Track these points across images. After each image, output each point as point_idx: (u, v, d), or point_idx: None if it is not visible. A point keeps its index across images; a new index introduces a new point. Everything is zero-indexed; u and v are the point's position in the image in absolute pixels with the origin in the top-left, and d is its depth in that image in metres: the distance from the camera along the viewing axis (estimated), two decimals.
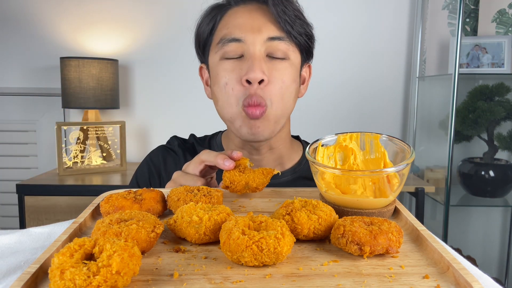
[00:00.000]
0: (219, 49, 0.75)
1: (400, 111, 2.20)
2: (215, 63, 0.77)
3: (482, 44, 1.95)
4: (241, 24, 0.73)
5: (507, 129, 1.93)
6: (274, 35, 0.73)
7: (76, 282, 0.33)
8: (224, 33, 0.74)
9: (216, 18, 0.77)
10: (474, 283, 0.35)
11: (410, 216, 0.52)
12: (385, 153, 0.59)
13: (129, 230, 0.42)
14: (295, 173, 0.87)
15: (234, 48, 0.73)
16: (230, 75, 0.74)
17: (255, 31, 0.72)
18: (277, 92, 0.74)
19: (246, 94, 0.72)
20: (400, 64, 2.16)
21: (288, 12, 0.73)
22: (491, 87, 1.90)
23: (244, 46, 0.73)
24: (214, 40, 0.78)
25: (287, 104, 0.77)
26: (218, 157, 0.62)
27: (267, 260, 0.39)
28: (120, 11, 2.12)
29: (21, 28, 2.12)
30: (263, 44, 0.73)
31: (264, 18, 0.74)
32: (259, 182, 0.60)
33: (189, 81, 2.15)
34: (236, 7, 0.76)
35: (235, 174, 0.60)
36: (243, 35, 0.73)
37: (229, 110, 0.76)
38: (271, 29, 0.73)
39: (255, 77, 0.70)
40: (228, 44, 0.73)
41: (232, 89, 0.73)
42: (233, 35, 0.73)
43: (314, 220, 0.46)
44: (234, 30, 0.73)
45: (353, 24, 2.12)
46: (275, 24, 0.74)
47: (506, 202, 2.01)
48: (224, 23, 0.76)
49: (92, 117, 2.00)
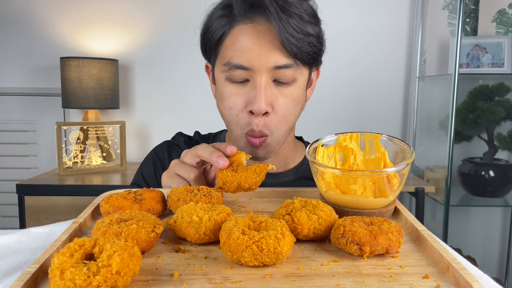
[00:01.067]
0: (225, 71, 0.73)
1: (400, 111, 2.20)
2: (220, 81, 0.76)
3: (482, 44, 1.95)
4: (248, 49, 0.70)
5: (507, 129, 1.93)
6: (281, 64, 0.70)
7: (76, 282, 0.33)
8: (231, 56, 0.72)
9: (225, 29, 0.73)
10: (474, 283, 0.35)
11: (410, 216, 0.52)
12: (385, 153, 0.59)
13: (129, 230, 0.42)
14: (298, 173, 0.88)
15: (240, 74, 0.72)
16: (235, 99, 0.73)
17: (262, 59, 0.70)
18: (280, 120, 0.74)
19: (250, 124, 0.73)
20: (400, 64, 2.16)
21: (296, 34, 0.69)
22: (491, 87, 1.90)
23: (250, 72, 0.71)
24: (220, 55, 0.75)
25: (290, 124, 0.77)
26: (213, 155, 0.62)
27: (267, 260, 0.39)
28: (120, 11, 2.12)
29: (21, 28, 2.12)
30: (269, 72, 0.71)
31: (272, 44, 0.70)
32: (251, 182, 0.59)
33: (189, 81, 2.15)
34: (243, 24, 0.72)
35: (227, 175, 0.59)
36: (249, 63, 0.70)
37: (232, 129, 0.77)
38: (278, 57, 0.70)
39: (259, 109, 0.70)
40: (235, 70, 0.71)
41: (236, 115, 0.74)
42: (240, 62, 0.71)
43: (314, 220, 0.46)
44: (241, 55, 0.70)
45: (353, 24, 2.12)
46: (282, 51, 0.70)
47: (506, 202, 2.01)
48: (231, 41, 0.72)
49: (92, 117, 2.00)
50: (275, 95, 0.72)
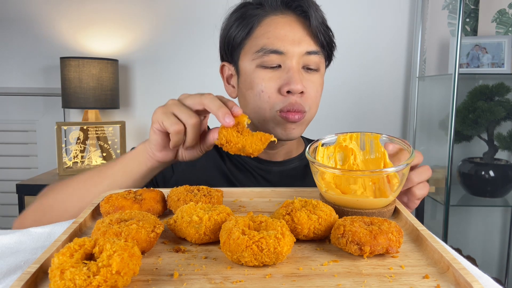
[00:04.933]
0: (257, 57, 0.77)
1: (400, 111, 2.20)
2: (250, 69, 0.79)
3: (482, 44, 1.95)
4: (282, 36, 0.76)
5: (507, 129, 1.93)
6: (311, 50, 0.77)
7: (76, 282, 0.33)
8: (265, 43, 0.77)
9: (253, 24, 0.79)
10: (474, 283, 0.35)
11: (410, 216, 0.52)
12: (385, 153, 0.59)
13: (129, 230, 0.42)
14: (302, 160, 0.92)
15: (273, 59, 0.76)
16: (267, 83, 0.77)
17: (295, 44, 0.76)
18: (313, 99, 0.80)
19: (285, 102, 0.77)
20: (400, 64, 2.16)
21: (323, 26, 0.78)
22: (491, 87, 1.89)
23: (283, 57, 0.76)
24: (249, 46, 0.79)
25: (317, 108, 0.84)
26: (220, 110, 0.60)
27: (267, 260, 0.39)
28: (120, 11, 2.12)
29: (21, 28, 2.12)
30: (301, 57, 0.77)
31: (303, 31, 0.77)
32: (255, 148, 0.58)
33: (189, 81, 2.15)
34: (274, 16, 0.79)
35: (232, 134, 0.58)
36: (284, 48, 0.76)
37: (261, 114, 0.79)
38: (309, 43, 0.78)
39: (297, 89, 0.75)
40: (269, 55, 0.76)
41: (268, 97, 0.77)
42: (275, 46, 0.76)
43: (314, 220, 0.46)
44: (275, 41, 0.76)
45: (353, 24, 2.12)
46: (312, 38, 0.78)
47: (506, 202, 2.01)
48: (263, 31, 0.78)
49: (92, 117, 2.00)
50: (305, 79, 0.78)
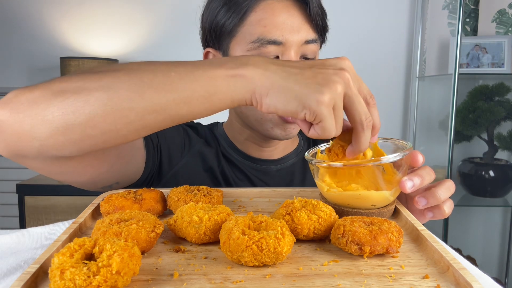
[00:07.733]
0: (253, 48, 0.71)
1: (400, 111, 2.20)
2: None
3: (482, 44, 1.95)
4: (280, 23, 0.70)
5: (507, 129, 1.93)
6: (310, 38, 0.72)
7: (76, 282, 0.33)
8: (262, 32, 0.70)
9: (246, 9, 0.71)
10: (474, 283, 0.35)
11: (410, 216, 0.52)
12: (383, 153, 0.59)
13: (129, 230, 0.42)
14: (298, 155, 0.89)
15: (271, 50, 0.70)
16: None
17: (294, 33, 0.70)
18: None
19: None
20: (400, 64, 2.16)
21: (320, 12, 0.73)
22: (491, 87, 1.89)
23: (281, 48, 0.70)
24: (242, 34, 0.72)
25: None
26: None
27: (267, 260, 0.39)
28: (120, 11, 2.12)
29: (21, 28, 2.12)
30: (299, 47, 0.71)
31: (302, 17, 0.71)
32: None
33: None
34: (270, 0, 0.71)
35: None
36: (283, 38, 0.69)
37: (258, 113, 0.74)
38: (308, 31, 0.72)
39: None
40: (266, 46, 0.70)
41: None
42: (273, 36, 0.69)
43: (314, 220, 0.46)
44: (273, 30, 0.69)
45: (353, 24, 2.12)
46: (310, 25, 0.72)
47: (506, 202, 2.01)
48: (258, 17, 0.70)
49: None
50: None
